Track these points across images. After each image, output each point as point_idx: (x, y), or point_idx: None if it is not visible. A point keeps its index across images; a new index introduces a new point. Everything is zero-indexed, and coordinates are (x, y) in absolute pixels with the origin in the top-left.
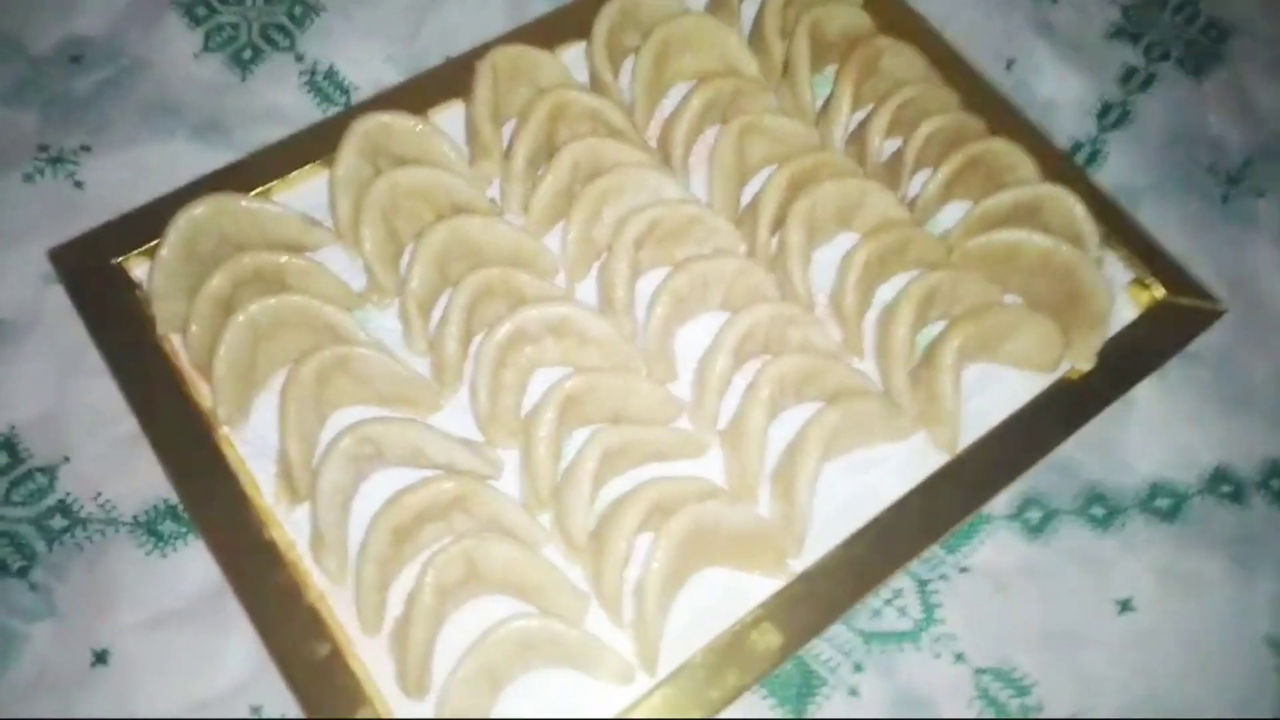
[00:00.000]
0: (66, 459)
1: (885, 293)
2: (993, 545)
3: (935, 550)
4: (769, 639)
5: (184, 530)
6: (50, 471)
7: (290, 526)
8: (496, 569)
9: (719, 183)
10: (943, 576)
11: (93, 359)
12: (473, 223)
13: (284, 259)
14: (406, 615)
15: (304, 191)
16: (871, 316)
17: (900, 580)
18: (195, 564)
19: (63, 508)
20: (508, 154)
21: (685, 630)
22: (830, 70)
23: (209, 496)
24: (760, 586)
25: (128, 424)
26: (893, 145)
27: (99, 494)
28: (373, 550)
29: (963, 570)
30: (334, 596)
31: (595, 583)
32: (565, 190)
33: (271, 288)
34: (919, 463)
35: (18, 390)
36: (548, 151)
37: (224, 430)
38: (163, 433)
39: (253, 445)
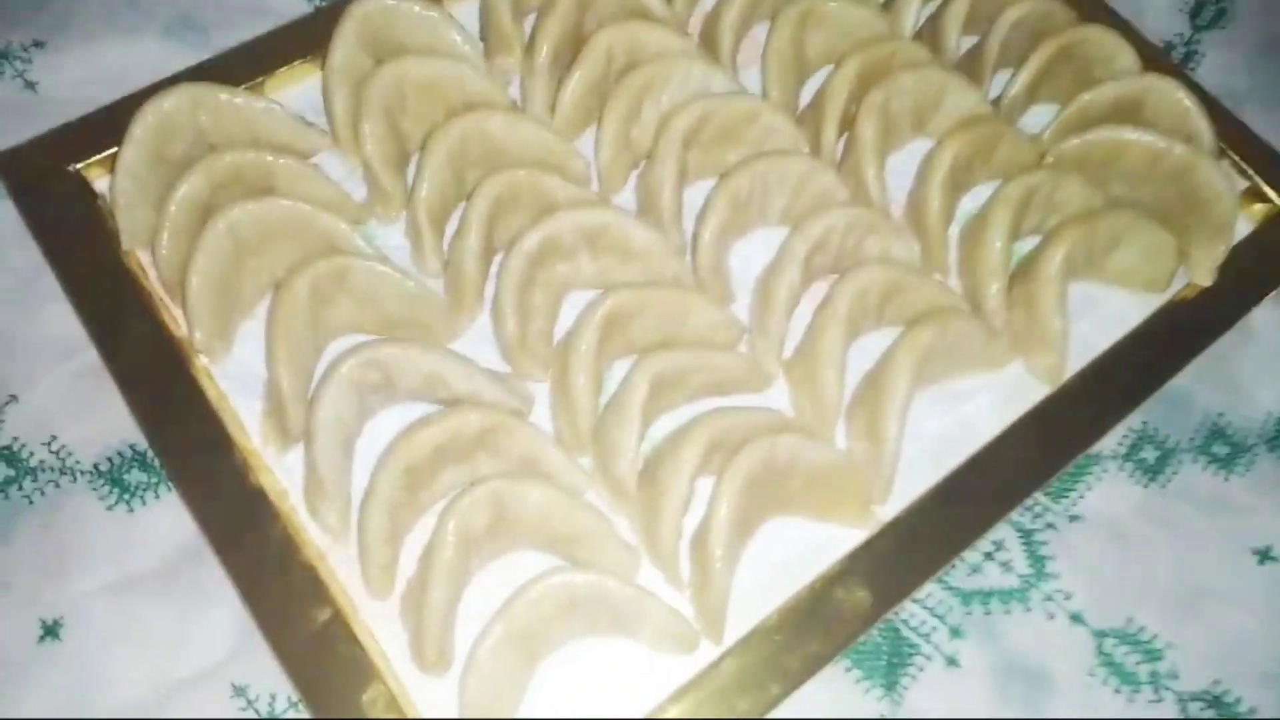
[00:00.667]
0: (13, 397)
1: (966, 205)
2: (1105, 490)
3: (1038, 497)
4: (857, 597)
5: (153, 480)
6: None
7: (282, 473)
8: (530, 516)
9: (776, 76)
10: (1050, 526)
11: (48, 283)
12: (494, 119)
13: (272, 158)
14: (422, 574)
15: (294, 95)
16: (953, 232)
17: (1001, 531)
18: (167, 520)
19: (9, 455)
20: (529, 47)
21: (754, 591)
22: None
23: (183, 440)
24: (840, 539)
25: (87, 356)
26: (966, 43)
27: (53, 438)
28: (381, 495)
29: (1073, 519)
30: (334, 555)
31: (647, 535)
32: (598, 85)
33: (257, 194)
34: (1016, 396)
35: None
36: (575, 44)
37: (201, 361)
38: (128, 366)
39: (236, 380)
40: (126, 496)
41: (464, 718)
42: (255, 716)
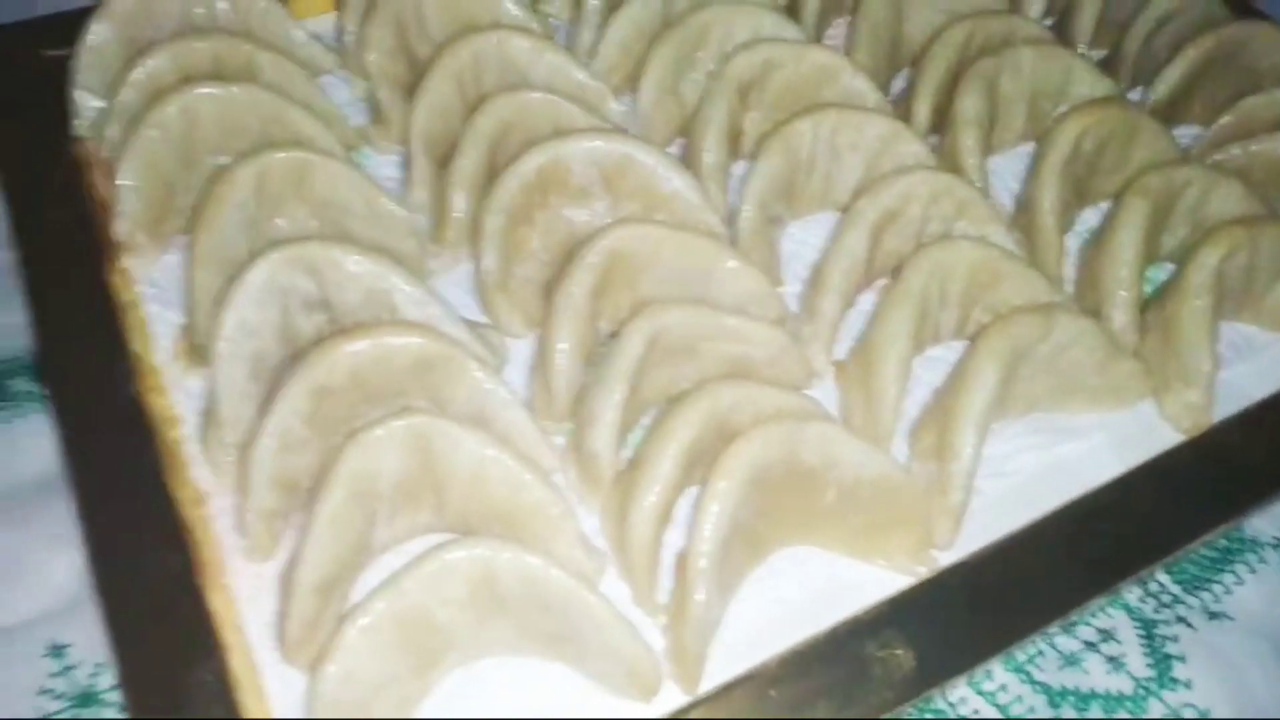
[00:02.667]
0: None
1: (1090, 220)
2: (1262, 586)
3: (1166, 581)
4: (896, 657)
5: (38, 394)
6: None
7: (181, 397)
8: (462, 475)
9: (865, 41)
10: (1182, 620)
11: None
12: (516, 39)
13: (253, 48)
14: (306, 526)
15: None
16: (1071, 246)
17: (1112, 616)
18: (40, 442)
19: None
20: None
21: (750, 630)
22: None
23: (74, 347)
24: (880, 584)
25: (7, 253)
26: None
27: None
28: (277, 421)
29: (1214, 616)
30: (216, 504)
31: (618, 536)
32: (648, 31)
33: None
34: (1139, 441)
35: None
36: None
37: (124, 264)
38: (39, 261)
39: (159, 289)
40: (5, 403)
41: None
42: (62, 690)
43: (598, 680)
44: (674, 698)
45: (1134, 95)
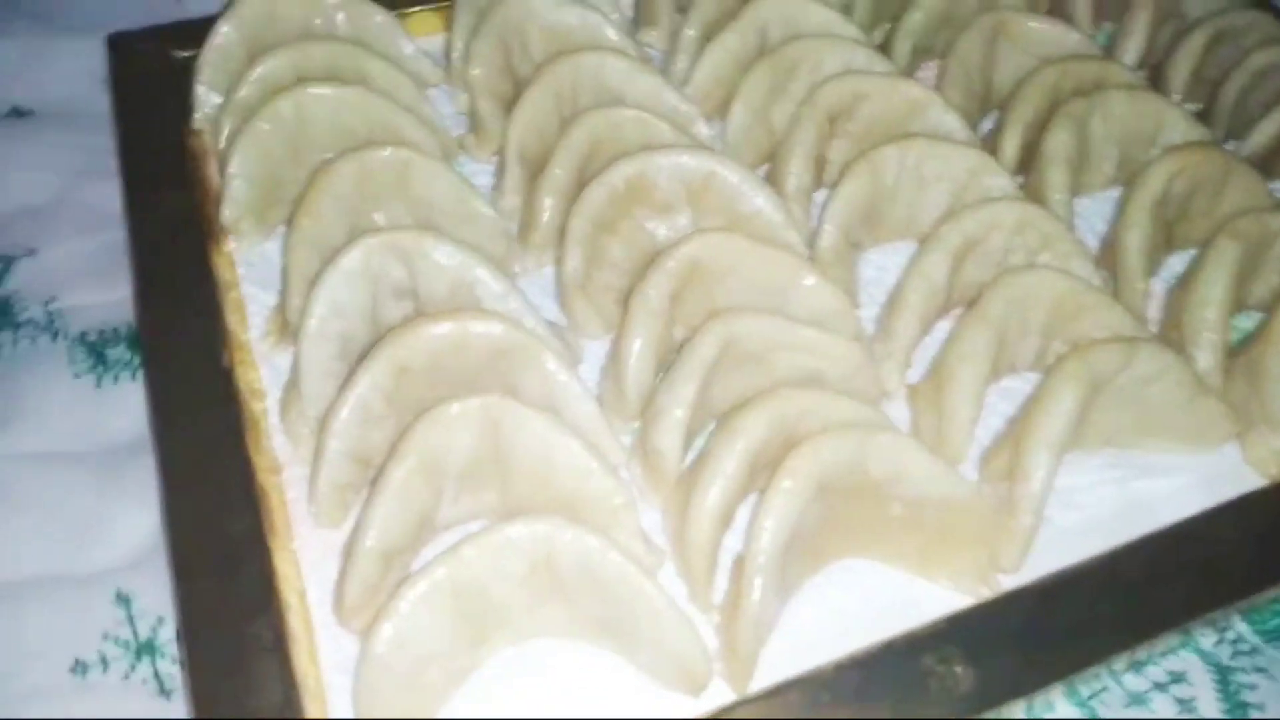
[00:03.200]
0: (32, 251)
1: (1176, 267)
2: None
3: (1242, 627)
4: (955, 673)
5: (135, 362)
6: (6, 262)
7: (268, 371)
8: (528, 456)
9: (956, 80)
10: (1261, 670)
11: (114, 163)
12: (613, 61)
13: (365, 57)
14: (375, 492)
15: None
16: (1156, 289)
17: (1184, 658)
18: (131, 405)
19: (3, 305)
20: (681, 21)
21: (804, 636)
22: None
23: (172, 319)
24: (940, 603)
25: (119, 235)
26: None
27: (52, 299)
28: (358, 394)
29: None
30: (291, 472)
31: (679, 535)
32: (742, 61)
33: None
34: (1222, 483)
35: (16, 180)
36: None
37: (229, 248)
38: (148, 239)
39: (259, 271)
40: (100, 370)
41: (363, 683)
42: (125, 639)
43: (647, 671)
44: (722, 696)
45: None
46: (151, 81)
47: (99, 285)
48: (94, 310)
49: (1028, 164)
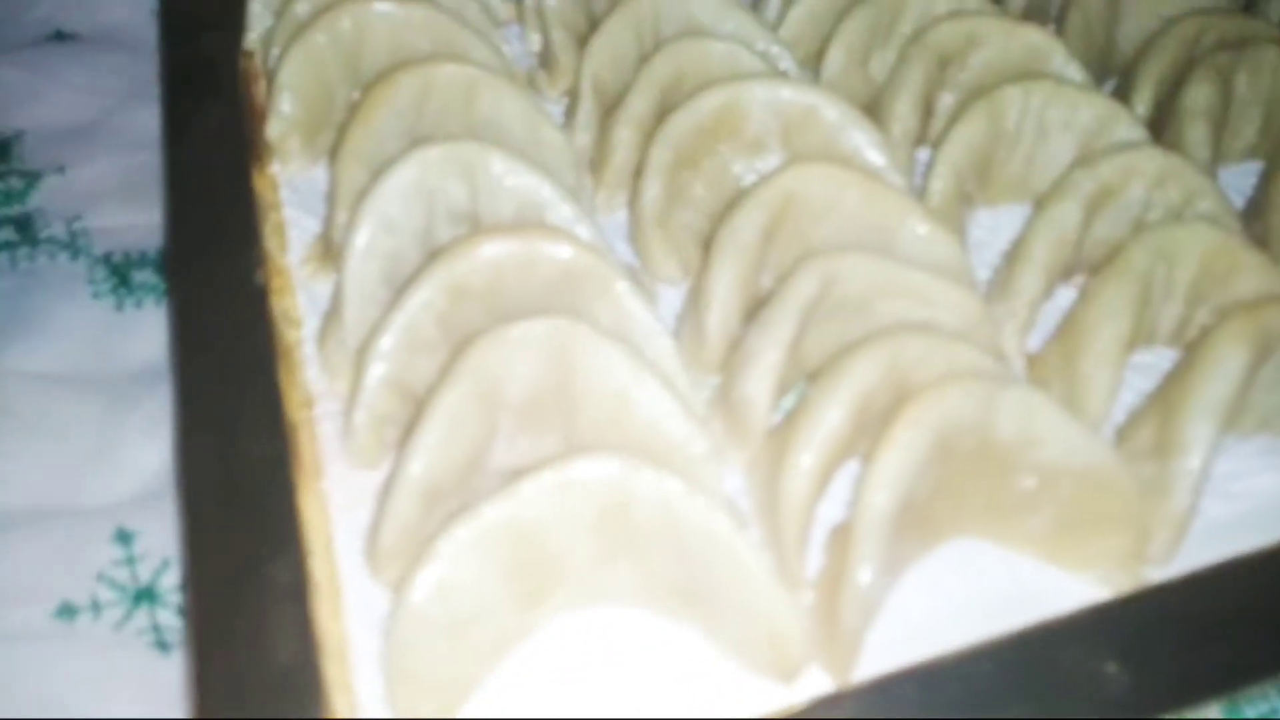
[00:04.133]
0: (61, 170)
1: None
2: None
3: None
4: (1105, 671)
5: (162, 288)
6: (32, 179)
7: (307, 299)
8: (601, 398)
9: (1077, 32)
10: None
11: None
12: None
13: None
14: (420, 420)
15: None
16: None
17: None
18: (152, 332)
19: (24, 221)
20: None
21: (915, 623)
22: None
23: (208, 237)
24: (1068, 592)
25: (157, 156)
26: None
27: (77, 217)
28: (408, 313)
29: None
30: (328, 408)
31: (767, 499)
32: (839, 6)
33: None
34: None
35: (51, 100)
36: None
37: (273, 171)
38: (187, 155)
39: (303, 198)
40: (122, 293)
41: (396, 638)
42: (122, 582)
43: (729, 650)
44: (817, 686)
45: None
46: (203, 4)
47: (130, 206)
48: (121, 232)
49: (1160, 125)
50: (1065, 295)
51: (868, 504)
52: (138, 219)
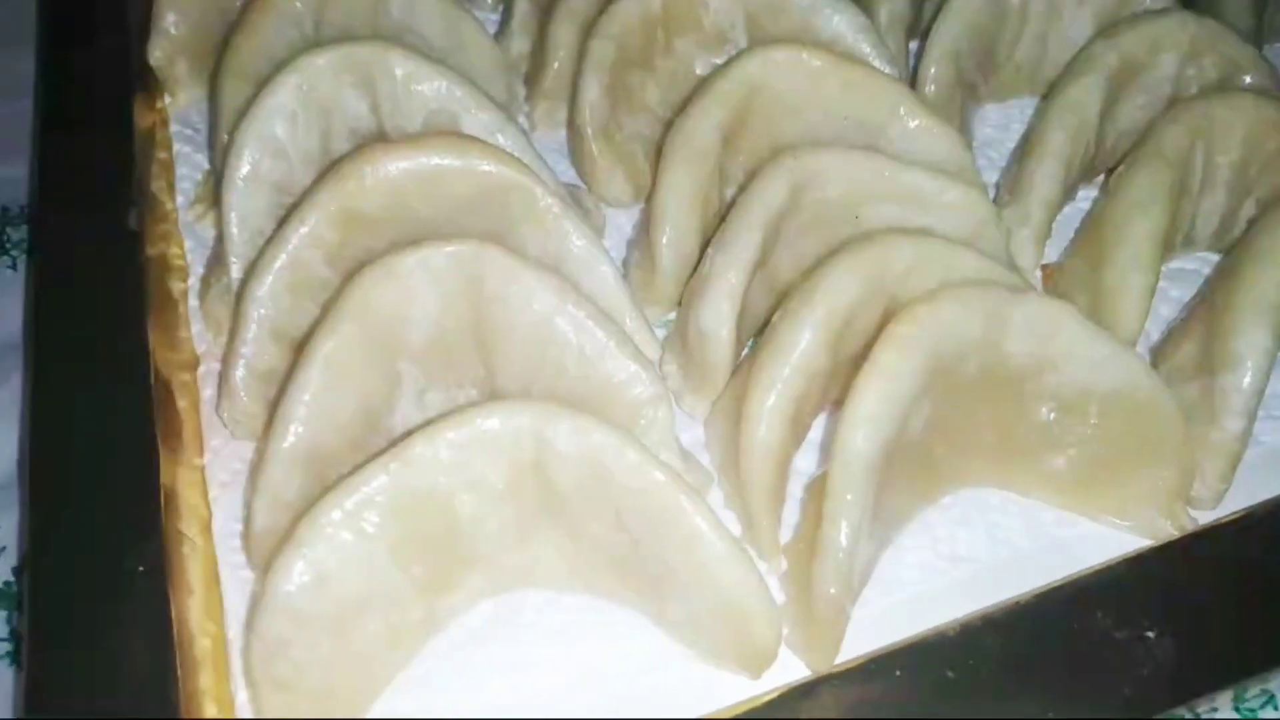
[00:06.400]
0: None
1: None
2: None
3: None
4: (1147, 643)
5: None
6: None
7: (195, 246)
8: (522, 335)
9: None
10: None
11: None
12: None
13: None
14: (296, 368)
15: None
16: None
17: None
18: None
19: None
20: None
21: (916, 593)
22: None
23: (82, 180)
24: (1101, 543)
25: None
26: None
27: None
28: (292, 248)
29: None
30: (210, 363)
31: (731, 449)
32: None
33: None
34: None
35: None
36: None
37: (162, 104)
38: (60, 92)
39: (195, 134)
40: None
41: (259, 635)
42: None
43: (682, 638)
44: (791, 675)
45: None
46: None
47: (8, 158)
48: None
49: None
50: (1086, 201)
51: (846, 445)
52: (14, 171)
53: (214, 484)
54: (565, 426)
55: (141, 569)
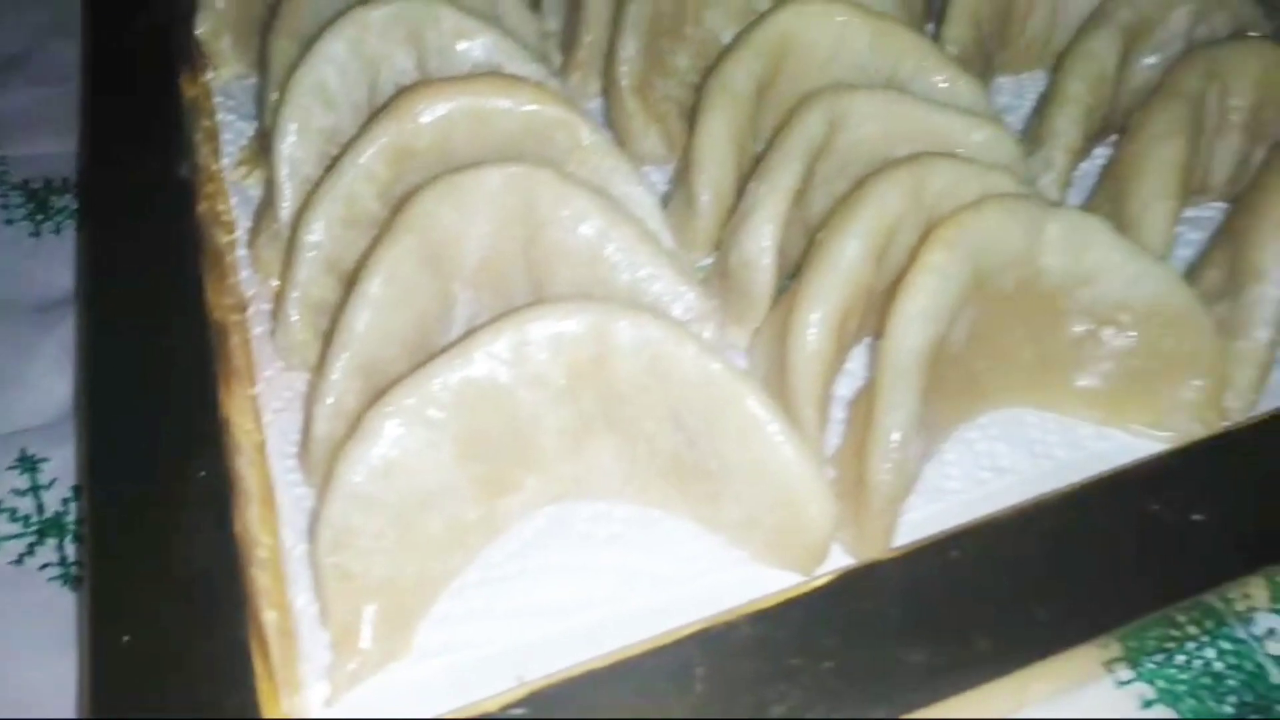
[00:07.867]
0: None
1: None
2: None
3: None
4: (1196, 526)
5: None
6: None
7: (240, 201)
8: (575, 256)
9: None
10: None
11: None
12: None
13: None
14: (357, 282)
15: None
16: None
17: None
18: (69, 257)
19: None
20: None
21: (958, 503)
22: None
23: (133, 142)
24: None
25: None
26: None
27: None
28: (346, 182)
29: None
30: (257, 310)
31: (776, 370)
32: None
33: None
34: None
35: None
36: None
37: (207, 77)
38: (109, 69)
39: (238, 104)
40: (39, 218)
41: (329, 525)
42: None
43: (736, 539)
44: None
45: None
46: None
47: (51, 136)
48: (41, 160)
49: None
50: (1104, 159)
51: (897, 340)
52: (58, 148)
53: (267, 410)
54: (625, 321)
55: (203, 474)
